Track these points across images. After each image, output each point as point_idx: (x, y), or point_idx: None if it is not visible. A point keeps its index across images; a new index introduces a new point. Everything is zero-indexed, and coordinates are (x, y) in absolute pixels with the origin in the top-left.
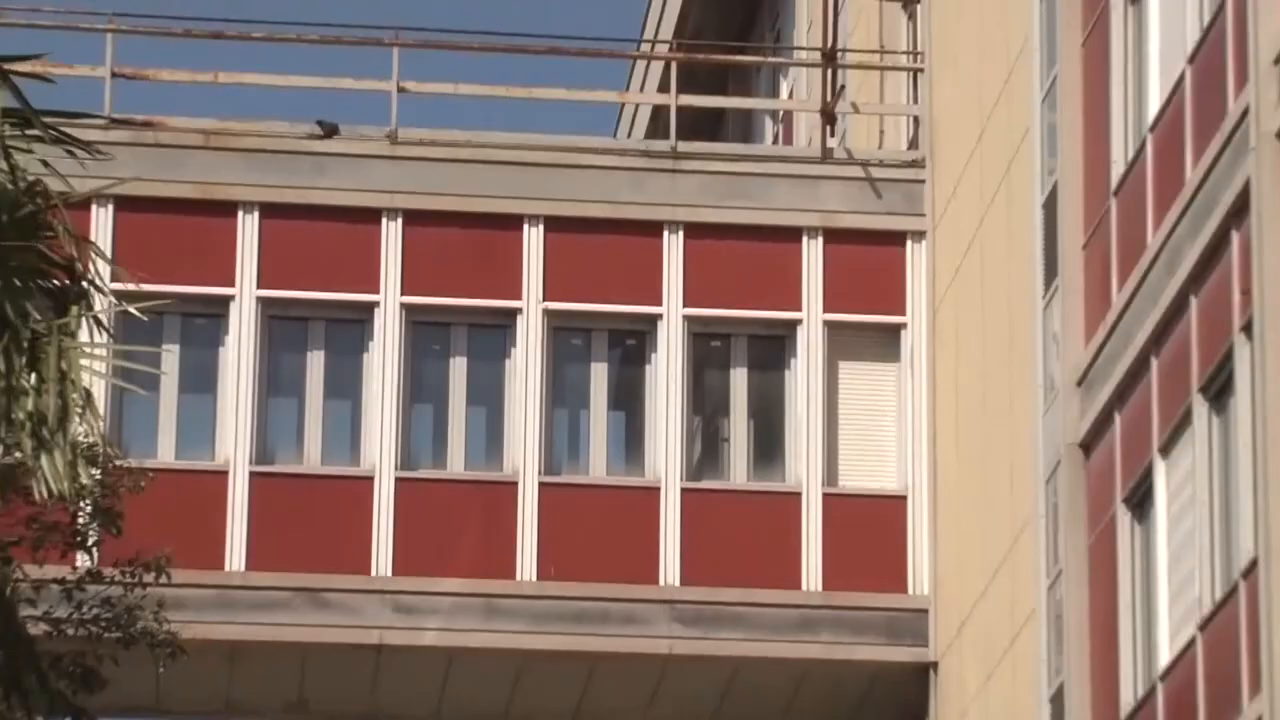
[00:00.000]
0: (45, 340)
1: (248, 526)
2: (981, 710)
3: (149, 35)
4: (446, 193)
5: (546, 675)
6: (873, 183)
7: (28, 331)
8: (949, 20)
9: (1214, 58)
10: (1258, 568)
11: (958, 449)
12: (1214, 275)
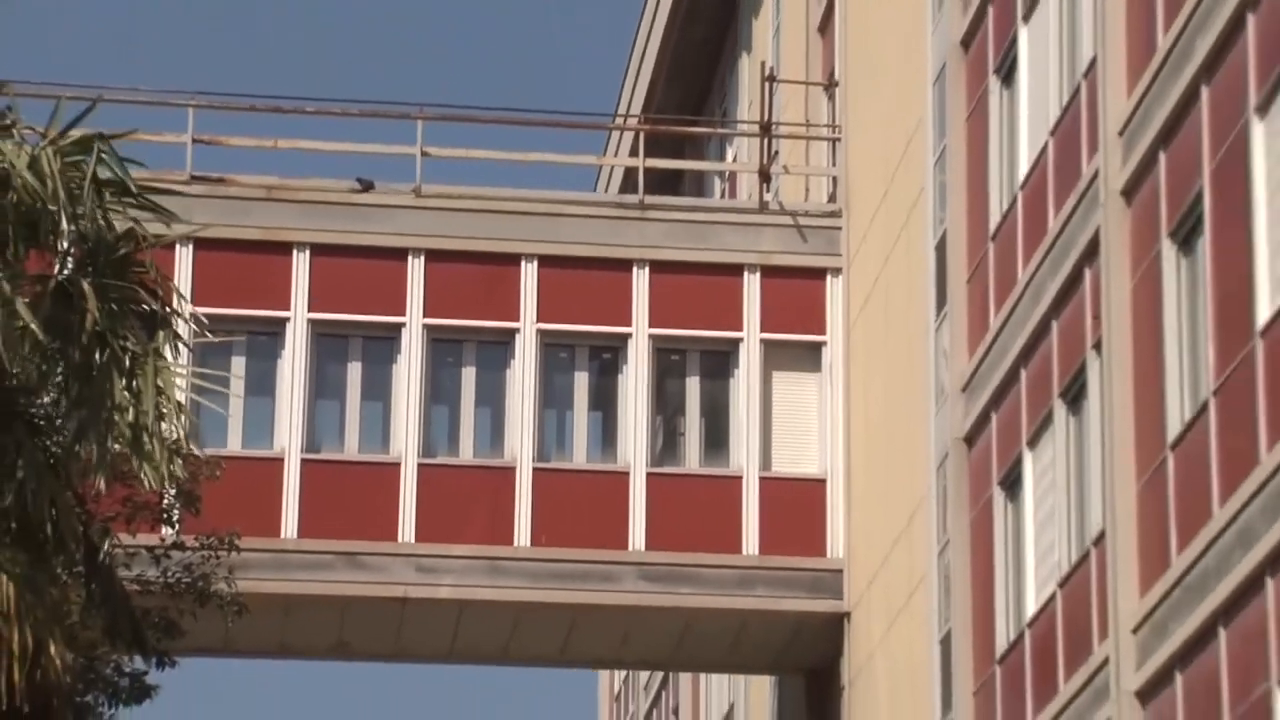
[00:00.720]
0: (142, 360)
1: (299, 502)
2: (885, 652)
3: (222, 109)
4: (460, 235)
5: (538, 622)
6: (800, 229)
7: (127, 353)
8: (860, 100)
9: (1071, 130)
10: (1105, 538)
11: (867, 442)
12: (1070, 304)
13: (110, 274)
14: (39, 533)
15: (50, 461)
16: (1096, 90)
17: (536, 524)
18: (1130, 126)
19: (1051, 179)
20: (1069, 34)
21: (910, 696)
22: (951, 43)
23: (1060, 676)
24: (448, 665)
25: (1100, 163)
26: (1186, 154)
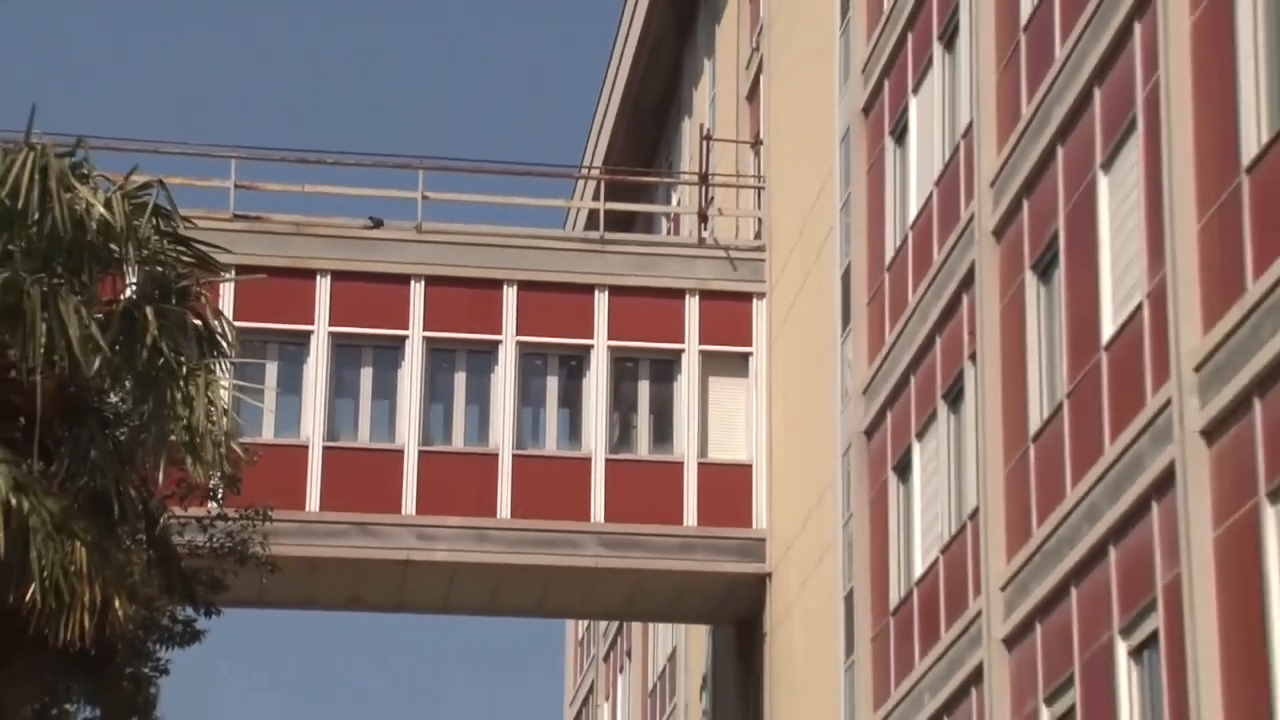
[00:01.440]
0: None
1: (320, 481)
2: (800, 606)
3: (258, 160)
4: (453, 264)
5: (516, 581)
6: (731, 261)
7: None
8: (780, 156)
9: (951, 181)
10: (978, 513)
11: (785, 434)
12: (951, 323)
13: (168, 300)
14: (107, 507)
15: (117, 449)
16: (972, 149)
17: (515, 500)
18: (1000, 178)
19: (936, 221)
20: (950, 103)
21: (820, 643)
22: (854, 110)
23: (942, 626)
24: (442, 615)
25: (975, 208)
26: (1045, 201)
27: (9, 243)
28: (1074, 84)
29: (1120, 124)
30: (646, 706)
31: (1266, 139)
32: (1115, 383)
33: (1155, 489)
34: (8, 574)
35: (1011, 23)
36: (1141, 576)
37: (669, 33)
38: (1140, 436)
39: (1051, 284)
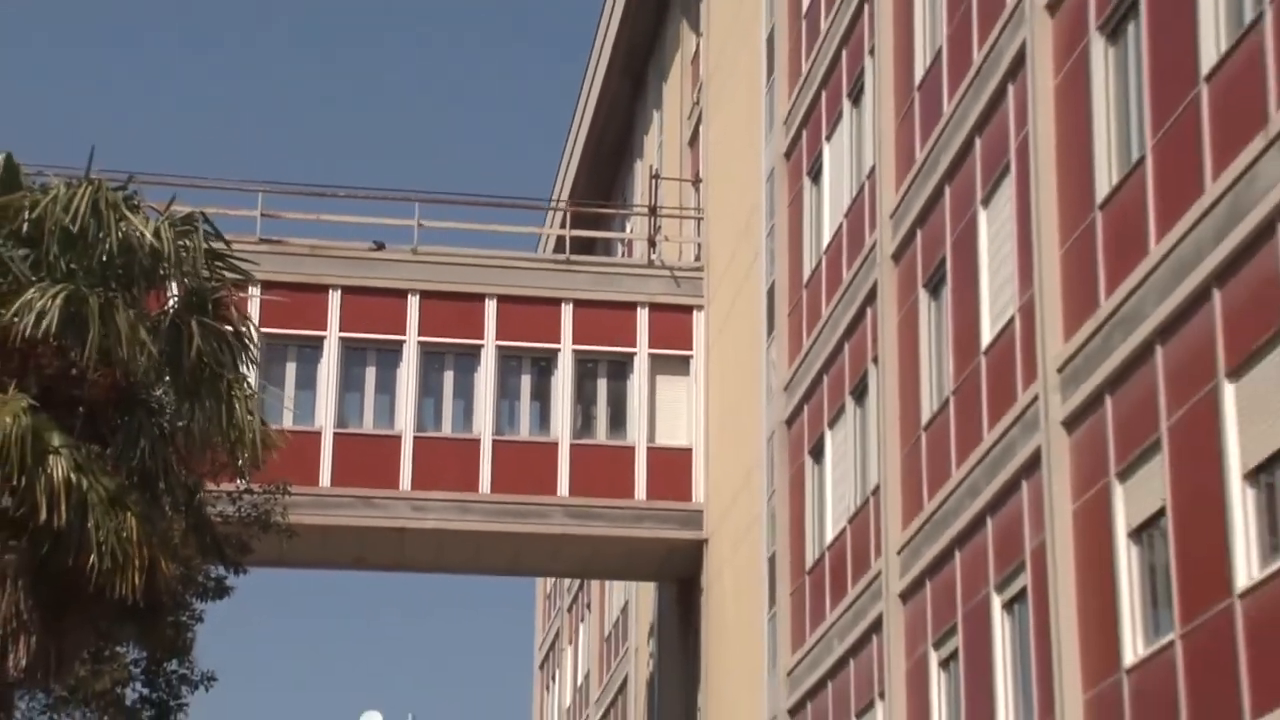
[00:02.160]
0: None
1: (331, 461)
2: (731, 566)
3: (280, 193)
4: (443, 280)
5: (495, 545)
6: (675, 279)
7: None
8: (716, 192)
9: (858, 214)
10: (879, 489)
11: (720, 423)
12: (858, 331)
13: (204, 311)
14: (153, 484)
15: (161, 435)
16: (875, 187)
17: (494, 478)
18: (897, 212)
19: (845, 247)
20: (856, 149)
21: (748, 597)
22: (778, 154)
23: (849, 583)
24: (433, 574)
25: (877, 236)
26: (936, 230)
27: (71, 262)
28: (958, 134)
29: (997, 167)
30: (603, 650)
31: (1116, 180)
32: (992, 382)
33: (1024, 470)
34: (70, 540)
35: (907, 83)
36: (1013, 542)
37: (624, 89)
38: (1012, 427)
39: (940, 300)
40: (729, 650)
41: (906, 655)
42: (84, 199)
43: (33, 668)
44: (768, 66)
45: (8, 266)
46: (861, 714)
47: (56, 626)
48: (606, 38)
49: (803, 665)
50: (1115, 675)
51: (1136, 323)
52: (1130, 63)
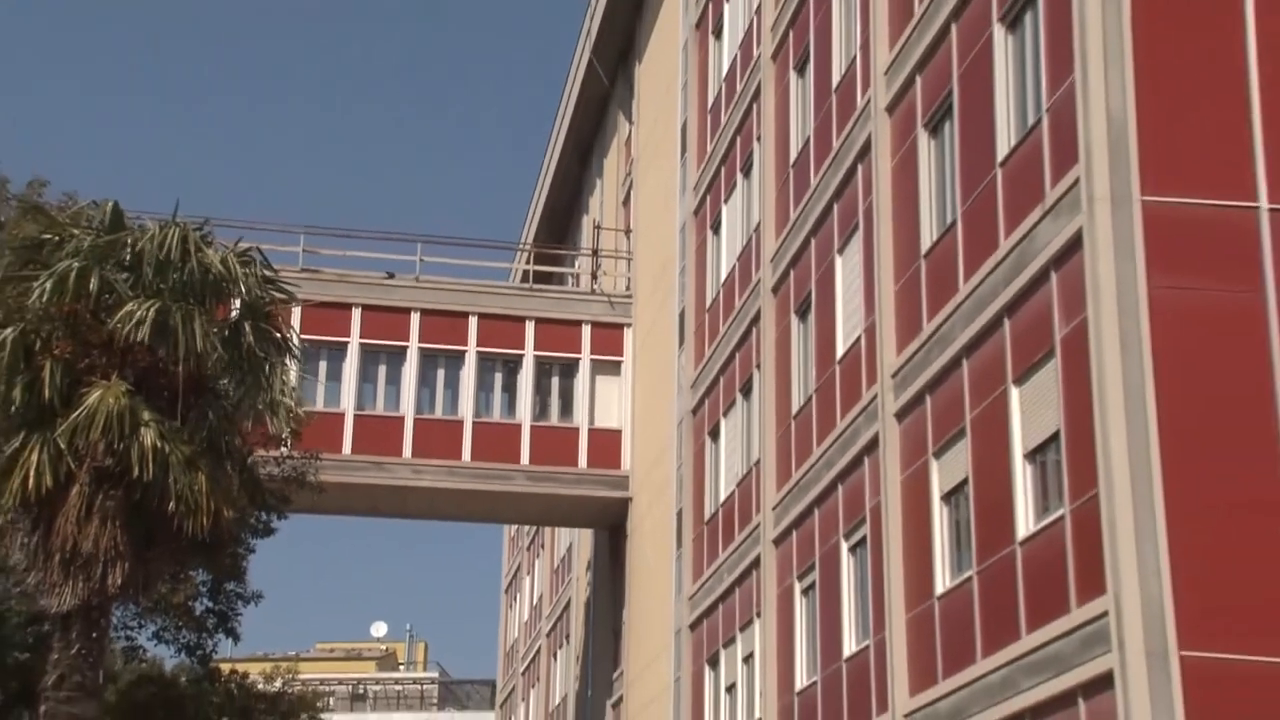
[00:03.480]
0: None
1: (352, 435)
2: (650, 519)
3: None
4: (438, 302)
5: (474, 500)
6: (611, 303)
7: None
8: (642, 239)
9: (747, 258)
10: (760, 462)
11: (643, 411)
12: (746, 345)
13: (258, 320)
14: (218, 450)
15: (225, 414)
16: (759, 239)
17: (474, 449)
18: (777, 256)
19: (737, 282)
20: (747, 209)
21: (661, 542)
22: (689, 212)
23: (736, 531)
24: (427, 520)
25: (761, 275)
26: (803, 271)
27: (160, 284)
28: (821, 199)
29: (849, 225)
30: (552, 579)
31: (935, 237)
32: (844, 383)
33: (866, 449)
34: (155, 491)
35: (784, 162)
36: (857, 503)
37: (575, 161)
38: (858, 417)
39: (806, 322)
40: (646, 580)
41: (777, 585)
42: (171, 237)
43: (125, 586)
44: (681, 147)
45: (114, 286)
46: (744, 628)
47: (144, 555)
48: (563, 123)
49: (700, 592)
50: (929, 601)
51: (949, 342)
52: (946, 151)
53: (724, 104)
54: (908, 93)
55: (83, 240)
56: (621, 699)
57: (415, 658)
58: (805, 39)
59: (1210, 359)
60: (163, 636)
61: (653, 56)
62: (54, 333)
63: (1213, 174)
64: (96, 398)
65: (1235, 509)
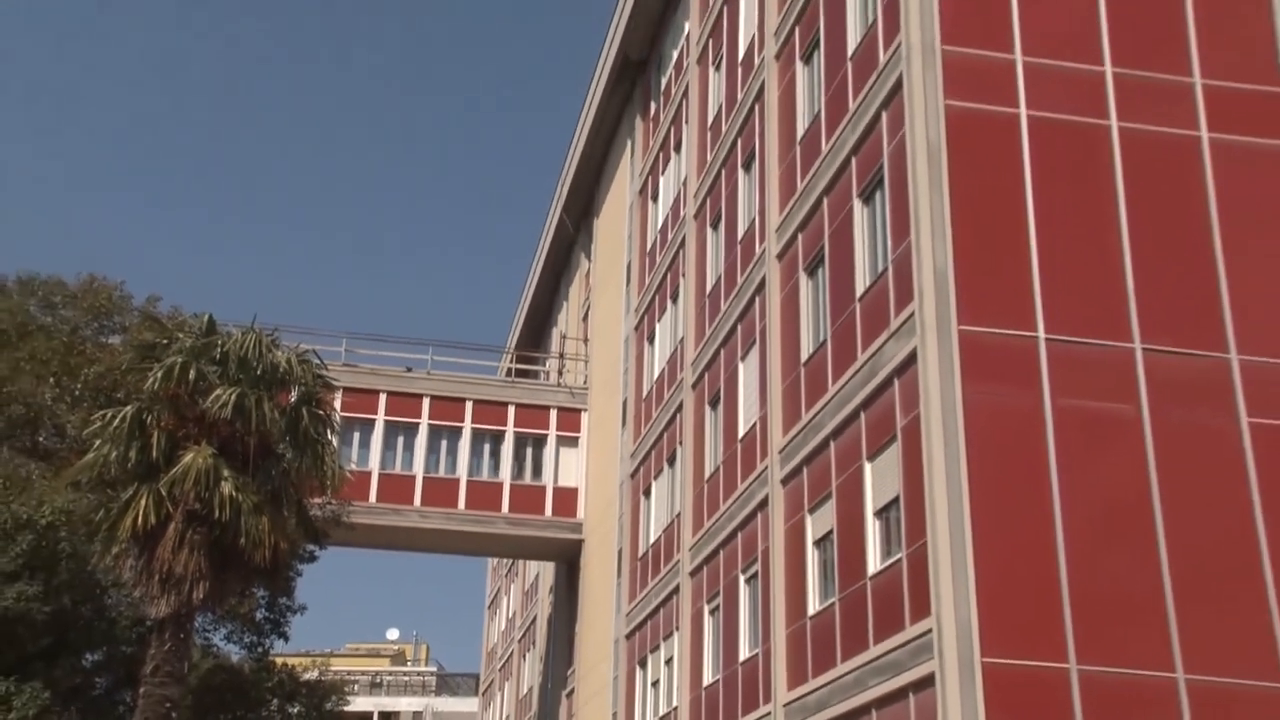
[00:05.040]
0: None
1: (377, 487)
2: (598, 556)
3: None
4: (444, 390)
5: (467, 539)
6: (572, 394)
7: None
8: (596, 346)
9: (674, 362)
10: (680, 514)
11: (596, 474)
12: (671, 427)
13: (310, 403)
14: (279, 498)
15: (284, 472)
16: (683, 349)
17: (467, 500)
18: (695, 361)
19: (666, 380)
20: (674, 326)
21: (605, 574)
22: (630, 328)
23: (662, 566)
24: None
25: (683, 375)
26: (715, 373)
27: (240, 374)
28: (729, 320)
29: (750, 339)
30: (523, 599)
31: (811, 351)
32: (744, 457)
33: (759, 506)
34: (230, 529)
35: (701, 293)
36: (751, 546)
37: (548, 287)
38: (754, 482)
39: (718, 410)
40: (594, 601)
41: (691, 607)
42: (249, 341)
43: (206, 599)
44: (626, 279)
45: (206, 376)
46: (666, 639)
47: (220, 577)
48: (540, 260)
49: (634, 610)
50: (803, 619)
51: (820, 429)
52: (820, 289)
53: (658, 249)
54: (792, 245)
55: (185, 342)
56: (573, 690)
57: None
58: (719, 204)
59: (1006, 444)
60: (231, 638)
61: (607, 213)
62: (161, 410)
63: (1007, 311)
64: (190, 458)
65: (1022, 554)
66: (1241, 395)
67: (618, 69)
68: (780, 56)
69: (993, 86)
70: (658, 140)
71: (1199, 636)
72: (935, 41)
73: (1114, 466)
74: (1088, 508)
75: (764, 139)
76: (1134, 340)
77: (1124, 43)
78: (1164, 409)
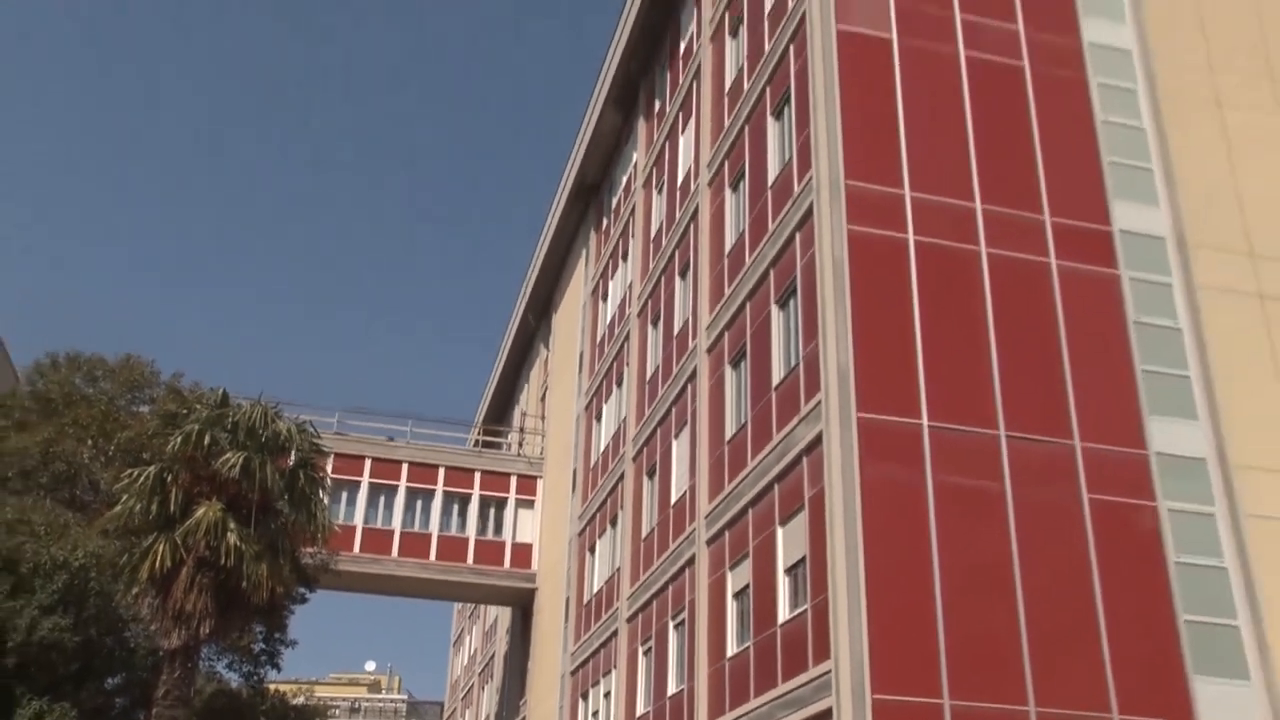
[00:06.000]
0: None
1: (361, 540)
2: (549, 603)
3: (347, 411)
4: (420, 458)
5: (436, 586)
6: (530, 463)
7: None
8: (552, 423)
9: (618, 438)
10: (620, 569)
11: (548, 533)
12: (614, 494)
13: (306, 466)
14: (276, 547)
15: (283, 525)
16: (625, 427)
17: (438, 553)
18: (636, 437)
19: (610, 453)
20: (618, 407)
21: (555, 619)
22: (581, 408)
23: (603, 613)
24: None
25: (625, 450)
26: (653, 448)
27: (248, 440)
28: (665, 404)
29: (682, 420)
30: (483, 638)
31: (734, 431)
32: (675, 521)
33: (687, 564)
34: (234, 573)
35: (643, 379)
36: (680, 597)
37: (511, 372)
38: (683, 542)
39: (654, 480)
40: (545, 641)
41: (628, 648)
42: (256, 412)
43: (211, 633)
44: (579, 366)
45: (219, 442)
46: (605, 675)
47: (224, 614)
48: (505, 349)
49: (578, 649)
50: (723, 660)
51: (740, 498)
52: (742, 379)
53: (606, 342)
54: (719, 342)
55: (202, 413)
56: (525, 718)
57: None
58: (659, 305)
59: (895, 514)
60: (232, 667)
61: (564, 310)
62: (180, 470)
63: (898, 402)
64: (202, 512)
65: (907, 606)
66: (1083, 475)
67: (576, 190)
68: (712, 184)
69: (887, 215)
70: (608, 250)
71: (1048, 675)
72: (840, 177)
73: (982, 533)
74: (961, 567)
75: (697, 252)
76: (999, 428)
77: (991, 185)
78: (1022, 486)
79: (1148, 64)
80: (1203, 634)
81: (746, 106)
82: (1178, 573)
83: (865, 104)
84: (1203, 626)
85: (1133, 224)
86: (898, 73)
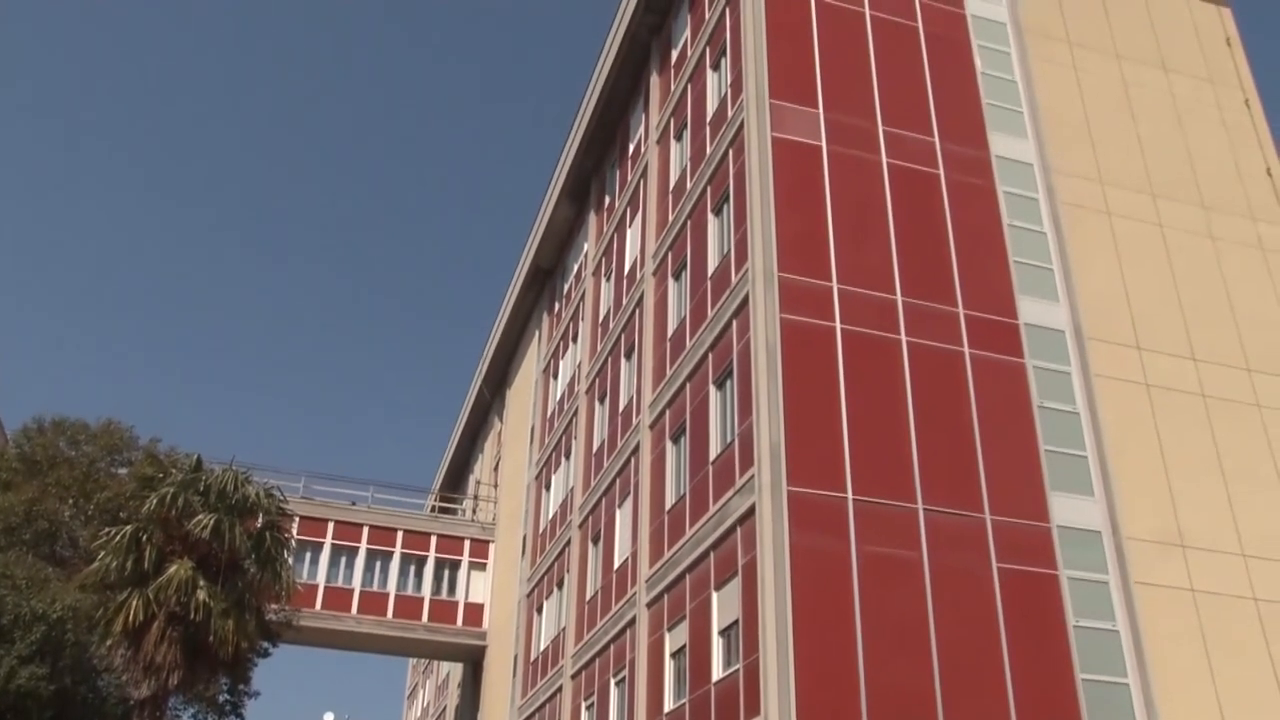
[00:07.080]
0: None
1: (322, 598)
2: (498, 659)
3: (312, 476)
4: (380, 522)
5: (393, 642)
6: (483, 528)
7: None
8: (505, 490)
9: (566, 505)
10: (565, 628)
11: (498, 593)
12: (562, 556)
13: (272, 528)
14: (243, 603)
15: (250, 583)
16: (572, 497)
17: (395, 610)
18: (582, 506)
19: (558, 521)
20: (566, 478)
21: (504, 672)
22: (532, 477)
23: (549, 670)
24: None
25: (572, 518)
26: (598, 517)
27: (219, 503)
28: (610, 475)
29: (626, 491)
30: (437, 692)
31: (674, 501)
32: (617, 584)
33: (628, 625)
34: (203, 628)
35: (590, 452)
36: (621, 656)
37: (466, 443)
38: (625, 604)
39: (598, 546)
40: (494, 696)
41: (571, 703)
42: (227, 476)
43: (180, 684)
44: (530, 439)
45: (191, 504)
46: None
47: (192, 666)
48: (461, 422)
49: (525, 704)
50: (661, 716)
51: (679, 564)
52: (683, 453)
53: (556, 417)
54: (661, 418)
55: (176, 476)
56: None
57: None
58: (605, 384)
59: (821, 580)
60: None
61: (518, 386)
62: (154, 529)
63: (825, 476)
64: (173, 569)
65: (832, 665)
66: (993, 545)
67: (531, 275)
68: (656, 273)
69: (816, 305)
70: (559, 332)
71: None
72: (774, 269)
73: (902, 597)
74: (882, 629)
75: (642, 335)
76: (918, 502)
77: (911, 279)
78: (938, 554)
79: (1047, 176)
80: (1098, 691)
81: (689, 204)
82: (1076, 635)
83: (797, 203)
84: (1098, 684)
85: (1036, 318)
86: (827, 176)
